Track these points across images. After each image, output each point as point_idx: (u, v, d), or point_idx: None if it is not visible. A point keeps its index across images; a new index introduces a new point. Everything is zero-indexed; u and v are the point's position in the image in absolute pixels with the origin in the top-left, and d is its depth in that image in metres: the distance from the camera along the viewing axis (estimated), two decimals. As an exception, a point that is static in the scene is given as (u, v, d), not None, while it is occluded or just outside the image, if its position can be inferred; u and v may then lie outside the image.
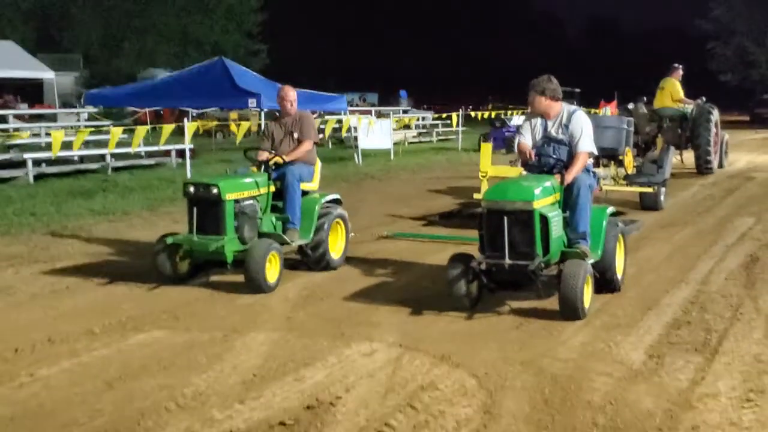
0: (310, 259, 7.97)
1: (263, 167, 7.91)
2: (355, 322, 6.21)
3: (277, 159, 7.92)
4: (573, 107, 7.02)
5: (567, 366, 5.23)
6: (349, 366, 5.25)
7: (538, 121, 6.95)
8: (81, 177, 15.77)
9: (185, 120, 13.83)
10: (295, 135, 8.18)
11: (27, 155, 14.81)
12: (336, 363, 5.31)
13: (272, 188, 7.86)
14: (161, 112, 29.26)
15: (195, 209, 7.29)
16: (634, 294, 7.12)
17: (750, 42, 55.32)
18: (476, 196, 11.02)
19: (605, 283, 6.86)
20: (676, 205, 13.06)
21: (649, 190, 12.00)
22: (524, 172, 7.10)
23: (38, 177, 15.01)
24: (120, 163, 17.20)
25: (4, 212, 11.34)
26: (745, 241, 9.78)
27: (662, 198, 12.43)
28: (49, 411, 4.56)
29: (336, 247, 8.21)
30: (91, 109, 18.54)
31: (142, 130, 14.11)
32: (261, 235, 7.56)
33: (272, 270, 7.15)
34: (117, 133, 12.94)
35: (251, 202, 7.55)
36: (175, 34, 47.87)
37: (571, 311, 6.10)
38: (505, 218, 6.14)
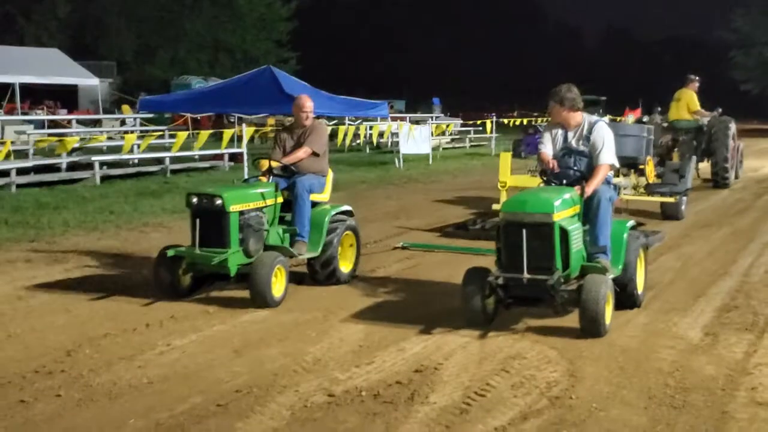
0: (317, 273, 7.71)
1: (269, 176, 7.75)
2: (436, 308, 6.92)
3: (273, 163, 7.75)
4: (595, 118, 6.88)
5: (634, 340, 5.98)
6: (442, 340, 6.00)
7: (558, 131, 6.81)
8: (142, 179, 16.70)
9: (243, 125, 14.64)
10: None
11: (95, 158, 15.73)
12: (429, 338, 6.06)
13: (280, 199, 7.58)
14: (198, 118, 30.18)
15: (198, 221, 6.98)
16: (683, 285, 7.87)
17: (770, 52, 55.68)
18: (495, 206, 10.51)
19: (626, 298, 6.63)
20: (710, 208, 13.77)
21: (671, 199, 11.72)
22: (542, 184, 6.95)
23: (103, 178, 15.94)
24: (176, 166, 18.10)
25: (86, 210, 12.17)
26: (780, 239, 10.50)
27: (683, 207, 12.15)
28: (194, 372, 5.34)
29: (346, 261, 7.95)
30: (146, 114, 19.50)
31: (204, 135, 14.95)
32: (267, 247, 7.29)
33: (278, 284, 6.96)
34: (182, 137, 13.81)
35: (257, 213, 7.29)
36: (206, 42, 48.99)
37: (592, 328, 5.89)
38: (524, 231, 5.93)
